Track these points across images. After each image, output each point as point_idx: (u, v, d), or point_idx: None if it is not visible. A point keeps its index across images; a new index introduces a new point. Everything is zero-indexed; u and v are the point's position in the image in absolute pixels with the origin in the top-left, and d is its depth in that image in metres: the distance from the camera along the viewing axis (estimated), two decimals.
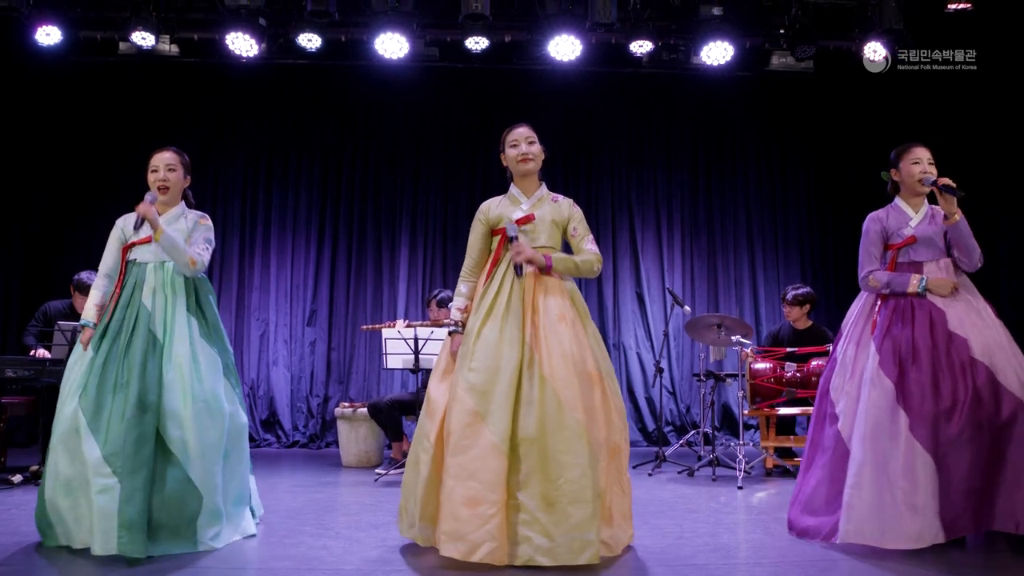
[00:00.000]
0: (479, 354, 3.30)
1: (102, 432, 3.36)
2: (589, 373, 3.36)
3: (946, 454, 3.40)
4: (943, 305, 3.67)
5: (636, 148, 8.81)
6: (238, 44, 7.17)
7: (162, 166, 3.82)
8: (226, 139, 8.48)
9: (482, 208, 3.70)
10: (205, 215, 3.93)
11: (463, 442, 3.17)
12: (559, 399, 3.19)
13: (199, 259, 3.73)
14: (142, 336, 3.55)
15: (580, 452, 3.14)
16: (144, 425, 3.37)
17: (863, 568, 3.23)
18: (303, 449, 7.88)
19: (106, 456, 3.31)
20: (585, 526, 3.09)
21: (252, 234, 8.36)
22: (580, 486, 3.11)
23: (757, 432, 7.56)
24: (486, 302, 3.44)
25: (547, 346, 3.30)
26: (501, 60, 7.92)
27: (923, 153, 3.84)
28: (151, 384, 3.44)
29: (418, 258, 8.47)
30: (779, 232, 8.80)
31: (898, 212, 3.87)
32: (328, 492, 5.36)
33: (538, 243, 3.55)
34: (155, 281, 3.69)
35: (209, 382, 3.58)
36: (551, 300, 3.43)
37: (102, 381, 3.47)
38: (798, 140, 8.87)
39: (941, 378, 3.51)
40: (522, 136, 3.63)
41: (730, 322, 6.17)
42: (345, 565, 3.26)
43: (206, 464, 3.49)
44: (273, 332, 8.23)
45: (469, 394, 3.23)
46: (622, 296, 8.54)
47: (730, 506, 4.73)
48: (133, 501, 3.25)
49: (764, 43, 7.60)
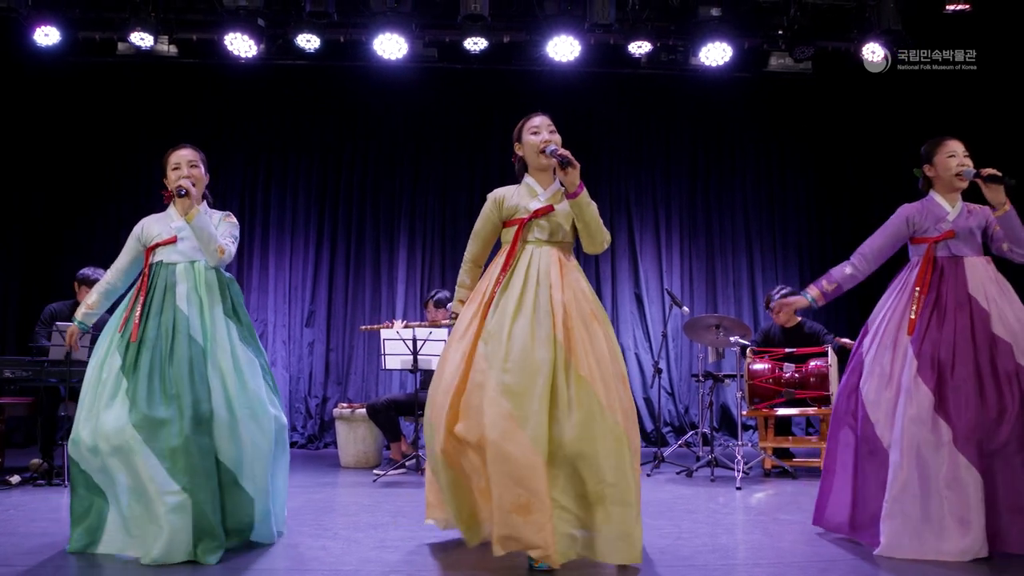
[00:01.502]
0: (513, 354, 3.15)
1: (163, 449, 3.24)
2: (621, 374, 3.28)
3: (992, 466, 3.26)
4: (987, 304, 3.47)
5: (635, 149, 8.81)
6: (237, 45, 7.17)
7: (184, 163, 3.67)
8: (225, 140, 8.48)
9: (494, 196, 3.51)
10: (230, 213, 3.86)
11: (505, 448, 3.03)
12: (601, 402, 3.11)
13: (227, 248, 3.64)
14: (183, 343, 3.44)
15: (623, 456, 3.09)
16: (202, 436, 3.31)
17: (863, 568, 3.23)
18: (301, 450, 7.88)
19: (172, 474, 3.22)
20: (630, 526, 3.05)
21: (251, 234, 8.37)
22: (624, 489, 3.06)
23: (755, 433, 7.56)
24: (511, 298, 3.27)
25: (583, 346, 3.18)
26: (500, 61, 7.93)
27: (957, 146, 3.66)
28: (202, 393, 3.36)
29: (416, 259, 8.47)
30: (777, 233, 8.80)
31: (934, 206, 3.67)
32: (326, 493, 5.36)
33: (557, 236, 3.40)
34: (188, 283, 3.58)
35: (253, 388, 3.50)
36: (580, 298, 3.30)
37: (151, 393, 3.34)
38: (797, 141, 8.87)
39: (986, 385, 3.34)
40: (544, 124, 3.49)
41: (728, 323, 6.17)
42: (343, 566, 3.26)
43: (256, 470, 3.44)
44: (272, 333, 8.23)
45: (505, 396, 3.09)
46: (621, 297, 8.55)
47: (728, 507, 4.73)
48: (206, 512, 3.24)
49: (763, 44, 7.61)
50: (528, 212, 3.40)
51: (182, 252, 3.64)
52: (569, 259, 3.43)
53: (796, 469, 6.16)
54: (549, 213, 3.40)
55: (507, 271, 3.36)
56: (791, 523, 4.15)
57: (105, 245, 7.54)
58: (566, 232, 3.43)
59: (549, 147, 3.37)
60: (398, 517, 4.29)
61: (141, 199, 7.89)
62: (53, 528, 3.93)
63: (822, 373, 6.01)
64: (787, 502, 4.86)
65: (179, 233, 3.65)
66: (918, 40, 7.23)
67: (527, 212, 3.40)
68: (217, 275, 3.67)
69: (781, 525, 4.10)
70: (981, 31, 7.40)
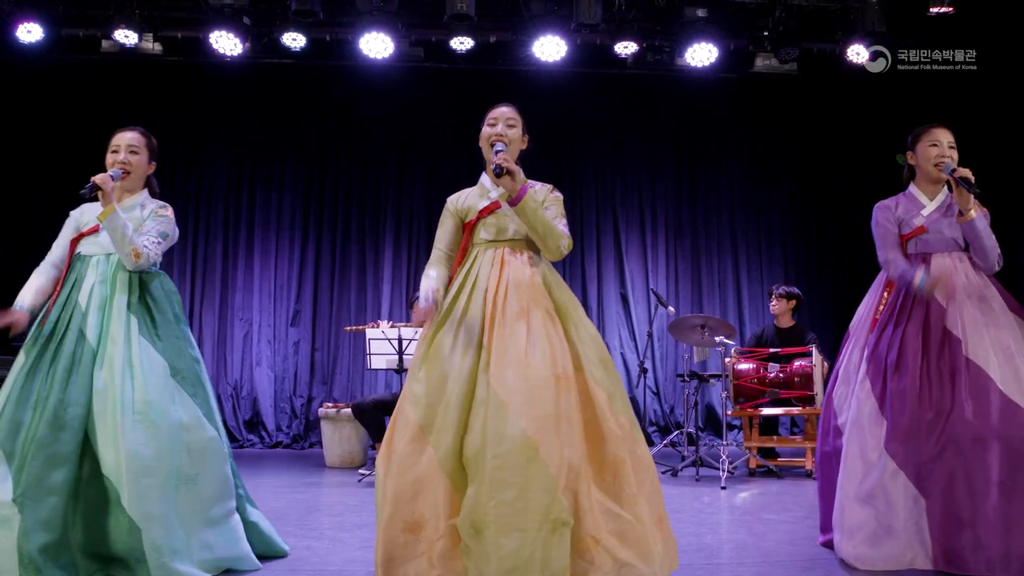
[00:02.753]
0: (428, 363, 2.90)
1: (17, 456, 2.86)
2: (556, 376, 2.79)
3: (929, 472, 3.07)
4: (946, 301, 3.27)
5: (620, 149, 8.83)
6: (222, 43, 7.14)
7: (123, 146, 3.32)
8: (210, 138, 8.44)
9: (450, 200, 3.25)
10: (166, 205, 3.37)
11: (407, 461, 2.77)
12: (502, 405, 2.71)
13: (144, 251, 3.14)
14: (71, 340, 3.04)
15: (518, 469, 2.62)
16: (58, 445, 2.84)
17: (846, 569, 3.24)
18: (286, 450, 7.85)
19: (14, 482, 2.80)
20: (518, 560, 2.55)
21: (236, 234, 8.33)
22: (514, 510, 2.58)
23: (740, 432, 7.59)
24: (445, 304, 3.02)
25: (499, 346, 2.84)
26: (486, 60, 7.93)
27: (943, 135, 3.45)
28: (74, 397, 2.92)
29: (402, 259, 8.47)
30: (763, 233, 8.84)
31: (910, 200, 3.48)
32: (311, 492, 5.35)
33: (506, 235, 3.08)
34: (95, 276, 3.18)
35: (146, 388, 2.99)
36: (513, 295, 2.96)
37: (23, 395, 2.98)
38: (782, 141, 8.91)
39: (925, 385, 3.16)
40: (502, 116, 3.16)
41: (714, 323, 6.20)
42: (328, 566, 3.25)
43: (141, 488, 2.84)
44: (257, 332, 8.21)
45: (413, 408, 2.84)
46: (606, 297, 8.56)
47: (713, 506, 4.75)
48: (35, 536, 2.73)
49: (748, 45, 7.65)
50: (476, 213, 3.16)
51: (101, 244, 3.26)
52: (518, 256, 3.08)
53: (781, 468, 6.19)
54: (496, 211, 3.13)
55: (455, 278, 3.13)
56: (776, 522, 4.17)
57: None
58: (518, 230, 3.09)
59: (496, 146, 3.07)
60: None
61: None
62: None
63: (806, 373, 6.04)
64: (772, 501, 4.88)
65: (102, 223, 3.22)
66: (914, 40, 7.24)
67: (475, 213, 3.16)
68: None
69: (766, 524, 4.12)
70: (981, 31, 7.40)
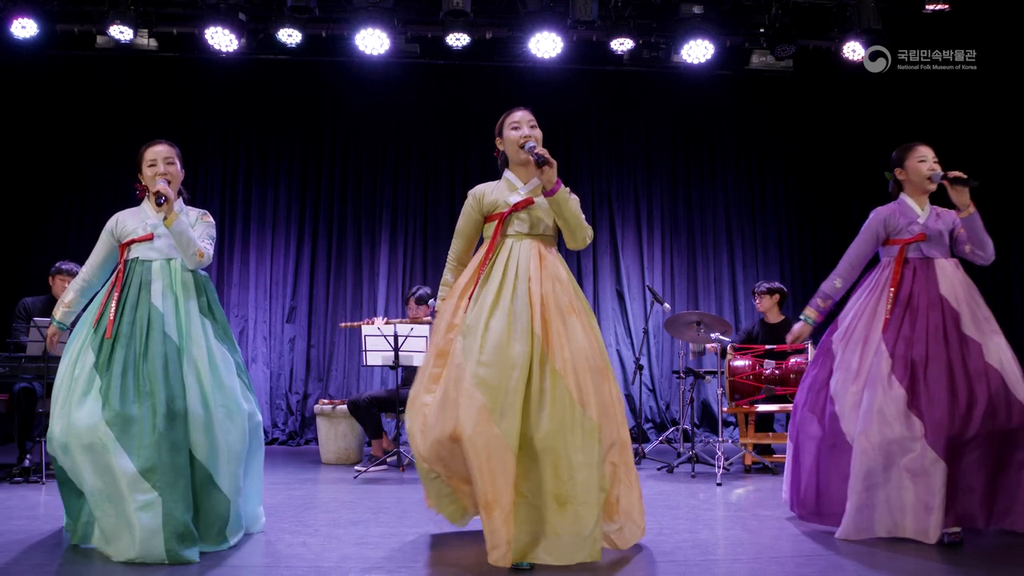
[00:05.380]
0: (488, 347, 3.13)
1: (134, 446, 3.20)
2: (600, 367, 3.25)
3: (959, 457, 3.44)
4: (957, 305, 3.64)
5: (616, 146, 8.83)
6: (217, 39, 7.13)
7: (160, 160, 3.60)
8: (205, 134, 8.42)
9: (475, 193, 3.53)
10: (207, 212, 3.77)
11: (478, 442, 3.01)
12: (573, 396, 3.09)
13: (206, 251, 3.57)
14: (158, 340, 3.39)
15: (592, 452, 3.08)
16: (176, 433, 3.26)
17: (842, 563, 3.25)
18: (282, 446, 7.85)
19: (143, 471, 3.18)
20: (590, 525, 3.05)
21: (231, 230, 8.32)
22: (589, 487, 3.05)
23: (736, 429, 7.59)
24: (490, 292, 3.27)
25: (559, 340, 3.16)
26: (482, 57, 7.92)
27: (927, 151, 3.83)
28: (176, 390, 3.32)
29: (398, 255, 8.46)
30: (758, 229, 8.85)
31: (905, 208, 3.84)
32: (307, 489, 5.34)
33: (537, 229, 3.40)
34: (163, 280, 3.52)
35: (228, 385, 3.47)
36: (559, 290, 3.28)
37: (124, 390, 3.29)
38: (777, 138, 8.91)
39: (957, 382, 3.50)
40: (524, 119, 3.48)
41: (709, 319, 6.20)
42: (323, 562, 3.25)
43: (231, 468, 3.41)
44: (252, 329, 8.20)
45: (479, 389, 3.07)
46: (602, 293, 8.57)
47: (709, 502, 4.75)
48: (177, 511, 3.18)
49: (744, 42, 7.65)
50: (508, 206, 3.41)
51: (158, 249, 3.58)
52: (550, 251, 3.43)
53: (776, 465, 6.19)
54: (529, 206, 3.41)
55: (486, 265, 3.36)
56: (771, 518, 4.18)
57: (80, 239, 7.50)
58: (547, 225, 3.43)
59: (528, 144, 3.37)
60: (379, 514, 4.28)
61: (118, 193, 7.80)
62: (30, 526, 3.89)
63: (802, 370, 6.04)
64: (767, 498, 4.88)
65: (155, 230, 3.59)
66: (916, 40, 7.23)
67: (507, 206, 3.41)
68: (193, 273, 3.62)
69: (761, 520, 4.12)
70: (981, 31, 7.40)
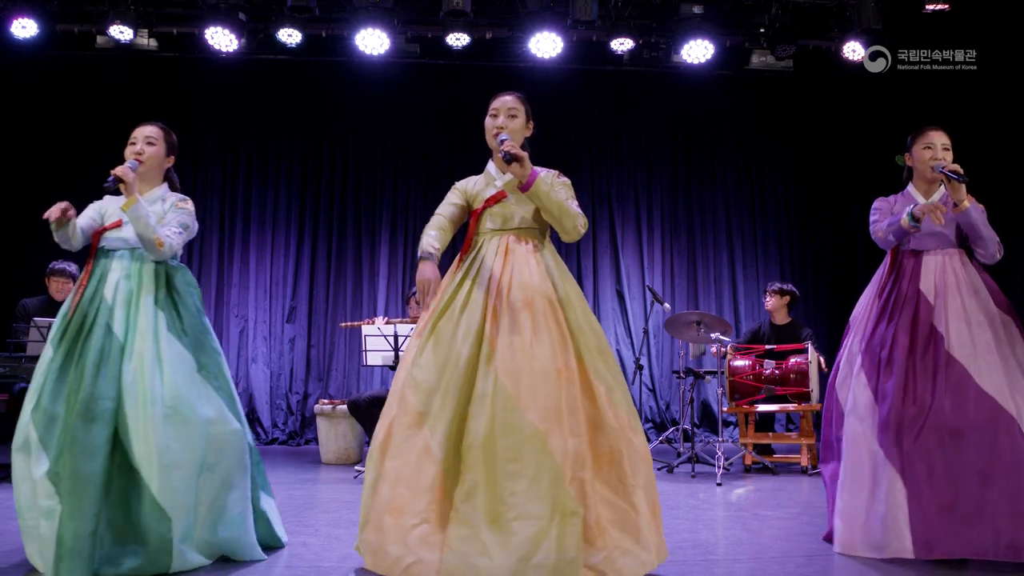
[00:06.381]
0: (429, 349, 2.93)
1: (52, 447, 2.94)
2: (557, 368, 2.83)
3: (910, 464, 3.18)
4: (934, 298, 3.40)
5: (616, 145, 8.83)
6: (217, 39, 7.13)
7: (141, 138, 3.38)
8: (205, 134, 8.42)
9: (459, 183, 3.29)
10: (186, 198, 3.44)
11: (403, 445, 2.83)
12: (510, 398, 2.76)
13: (167, 241, 3.21)
14: (98, 335, 3.09)
15: (529, 460, 2.69)
16: (91, 437, 2.91)
17: (842, 563, 3.25)
18: (282, 446, 7.85)
19: (50, 475, 2.90)
20: (533, 546, 2.61)
21: (231, 230, 8.32)
22: (528, 499, 2.66)
23: (736, 429, 7.60)
24: (448, 292, 3.04)
25: (504, 337, 2.86)
26: (482, 57, 7.93)
27: (938, 138, 3.58)
28: (104, 390, 2.98)
29: (398, 255, 8.46)
30: (758, 229, 8.85)
31: (906, 199, 3.61)
32: (307, 489, 5.34)
33: (512, 223, 3.10)
34: (120, 270, 3.24)
35: (175, 384, 3.08)
36: (520, 284, 2.96)
37: (56, 388, 3.03)
38: (777, 138, 8.92)
39: (911, 382, 3.29)
40: (503, 106, 3.16)
41: (709, 319, 6.20)
42: (324, 562, 3.24)
43: (173, 481, 2.97)
44: (252, 329, 8.20)
45: (413, 393, 2.88)
46: (602, 293, 8.57)
47: (709, 502, 4.75)
48: (73, 525, 2.82)
49: (744, 42, 7.66)
50: (482, 202, 3.18)
51: (125, 238, 3.30)
52: (524, 244, 3.10)
53: (776, 465, 6.20)
54: (502, 200, 3.14)
55: (460, 266, 3.14)
56: (771, 518, 4.18)
57: None
58: (523, 218, 3.11)
59: (500, 136, 3.08)
60: None
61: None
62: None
63: (802, 370, 6.04)
64: (767, 498, 4.88)
65: (124, 217, 3.30)
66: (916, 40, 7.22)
67: (481, 202, 3.18)
68: (163, 264, 3.32)
69: (761, 520, 4.13)
70: (981, 31, 7.38)
